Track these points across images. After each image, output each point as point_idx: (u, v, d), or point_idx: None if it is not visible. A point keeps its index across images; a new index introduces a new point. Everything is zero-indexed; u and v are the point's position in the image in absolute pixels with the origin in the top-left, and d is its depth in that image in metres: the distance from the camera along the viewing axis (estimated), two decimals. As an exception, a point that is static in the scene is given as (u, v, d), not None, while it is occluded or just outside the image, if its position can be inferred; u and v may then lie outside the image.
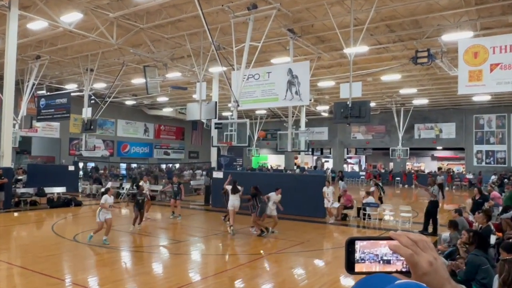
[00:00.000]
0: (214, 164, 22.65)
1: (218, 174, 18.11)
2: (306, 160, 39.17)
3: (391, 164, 41.39)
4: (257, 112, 37.28)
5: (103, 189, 21.53)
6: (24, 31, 17.01)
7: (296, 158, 41.97)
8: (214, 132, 17.36)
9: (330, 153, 43.53)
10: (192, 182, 25.54)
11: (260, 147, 41.56)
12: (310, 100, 24.99)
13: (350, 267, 0.98)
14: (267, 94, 17.06)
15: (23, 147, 29.16)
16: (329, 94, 30.12)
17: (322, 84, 25.81)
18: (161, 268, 8.29)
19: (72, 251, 9.42)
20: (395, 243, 0.94)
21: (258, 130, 39.04)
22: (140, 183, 14.54)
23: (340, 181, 19.33)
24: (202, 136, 47.15)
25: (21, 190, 17.58)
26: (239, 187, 12.06)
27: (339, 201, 15.43)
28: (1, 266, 7.89)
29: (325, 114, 36.60)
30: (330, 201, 14.17)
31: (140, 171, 36.41)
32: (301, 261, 9.09)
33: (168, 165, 43.54)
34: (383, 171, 39.82)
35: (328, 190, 14.21)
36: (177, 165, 44.03)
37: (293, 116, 25.35)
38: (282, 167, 41.25)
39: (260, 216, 11.43)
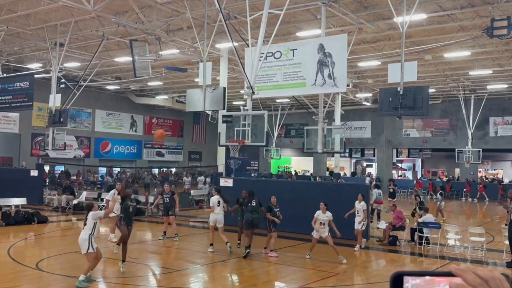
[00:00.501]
0: (221, 168, 22.66)
1: (226, 182, 18.11)
2: (342, 164, 38.98)
3: (457, 171, 40.75)
4: (278, 101, 37.24)
5: (75, 201, 22.00)
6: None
7: (331, 161, 41.73)
8: (221, 127, 17.34)
9: (374, 155, 43.22)
10: (192, 192, 25.67)
11: (281, 147, 41.57)
12: (348, 86, 24.91)
13: None
14: (291, 78, 16.98)
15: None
16: (373, 78, 29.85)
17: (364, 64, 25.58)
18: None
19: (34, 282, 9.49)
20: (458, 282, 0.93)
21: (279, 125, 39.04)
22: (111, 193, 14.22)
23: (375, 189, 19.12)
24: (206, 132, 47.40)
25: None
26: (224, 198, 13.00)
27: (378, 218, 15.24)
28: None
29: (368, 104, 36.33)
30: (361, 222, 13.76)
31: (125, 177, 36.84)
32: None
33: (162, 169, 43.96)
34: (445, 179, 39.28)
35: (358, 206, 13.85)
36: (173, 170, 44.46)
37: (324, 107, 25.17)
38: (309, 173, 41.12)
39: (247, 228, 12.20)
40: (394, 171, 43.17)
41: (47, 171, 31.81)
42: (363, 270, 11.69)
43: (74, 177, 34.33)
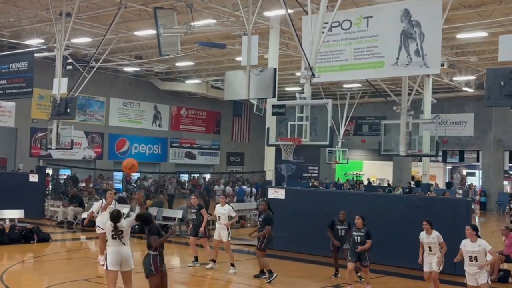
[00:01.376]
0: (269, 175, 22.69)
1: (276, 194, 18.11)
2: (433, 172, 38.11)
3: None
4: (346, 86, 36.91)
5: (84, 214, 22.58)
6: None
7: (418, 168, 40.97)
8: (271, 121, 17.34)
9: (478, 160, 42.06)
10: (233, 206, 25.82)
11: (350, 148, 41.22)
12: (442, 66, 24.34)
13: None
14: (365, 56, 16.81)
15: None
16: (478, 55, 29.05)
17: (465, 36, 24.93)
18: None
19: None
20: None
21: (347, 119, 38.68)
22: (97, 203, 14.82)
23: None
24: (250, 127, 47.62)
25: None
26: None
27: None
28: None
29: (469, 90, 35.45)
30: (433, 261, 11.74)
31: (145, 186, 37.55)
32: None
33: (193, 175, 44.50)
34: None
35: (428, 240, 11.83)
36: (207, 176, 44.94)
37: (409, 94, 24.82)
38: (387, 183, 40.54)
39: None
40: (506, 182, 41.81)
41: (49, 175, 32.74)
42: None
43: (83, 184, 35.23)
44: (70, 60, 24.85)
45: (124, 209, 21.77)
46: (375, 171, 46.05)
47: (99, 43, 24.24)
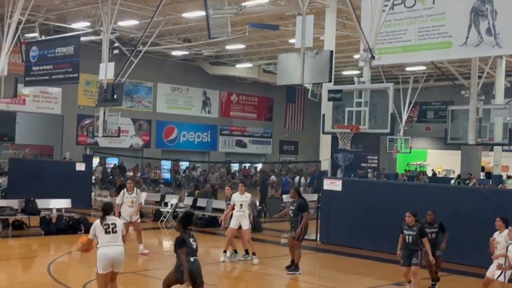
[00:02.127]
0: (325, 165, 22.59)
1: (332, 185, 18.03)
2: (506, 163, 37.16)
3: None
4: (409, 69, 36.33)
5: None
6: None
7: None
8: (326, 108, 17.25)
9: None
10: (285, 198, 25.86)
11: (413, 136, 40.59)
12: (517, 45, 23.70)
13: None
14: (430, 36, 16.61)
15: (1, 130, 32.13)
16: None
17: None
18: None
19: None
20: None
21: (411, 105, 38.05)
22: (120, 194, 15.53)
23: None
24: (305, 114, 47.51)
25: (-2, 203, 19.29)
26: None
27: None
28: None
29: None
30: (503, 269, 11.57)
31: (193, 176, 37.94)
32: None
33: (244, 165, 44.73)
34: None
35: (499, 238, 11.84)
36: (259, 166, 45.11)
37: (480, 77, 24.27)
38: (454, 174, 39.82)
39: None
40: None
41: (95, 165, 33.38)
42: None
43: (131, 173, 35.85)
44: (116, 44, 25.22)
45: (173, 199, 22.23)
46: (440, 162, 45.28)
47: (146, 26, 24.48)
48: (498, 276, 10.22)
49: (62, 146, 36.33)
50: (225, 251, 14.72)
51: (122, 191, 15.84)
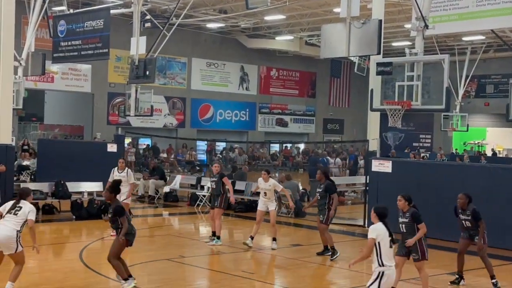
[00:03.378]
0: (374, 145, 22.49)
1: (381, 166, 17.96)
2: None
3: None
4: (466, 39, 35.79)
5: (167, 188, 23.33)
6: None
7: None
8: (375, 82, 17.14)
9: None
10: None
11: (470, 113, 40.10)
12: None
13: None
14: (490, 2, 16.39)
15: (30, 109, 32.60)
16: None
17: None
18: None
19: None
20: None
21: (468, 78, 37.53)
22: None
23: None
24: (351, 90, 47.30)
25: (27, 185, 19.50)
26: None
27: None
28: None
29: None
30: None
31: (230, 157, 38.10)
32: None
33: (285, 145, 44.76)
34: None
35: None
36: (301, 146, 45.12)
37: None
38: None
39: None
40: None
41: (127, 145, 33.75)
42: None
43: (165, 155, 36.16)
44: (148, 17, 25.38)
45: (209, 183, 22.33)
46: (501, 140, 44.60)
47: (179, -3, 24.65)
48: None
49: (93, 126, 36.92)
50: (251, 237, 14.97)
51: (113, 169, 16.47)
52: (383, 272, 7.56)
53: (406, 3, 23.24)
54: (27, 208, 9.70)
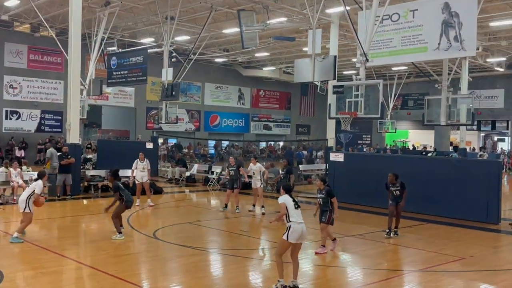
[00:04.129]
0: (331, 142, 22.51)
1: (336, 157, 17.98)
2: (469, 138, 36.64)
3: None
4: (395, 69, 35.88)
5: (188, 173, 23.27)
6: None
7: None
8: (331, 99, 17.11)
9: (507, 128, 40.04)
10: (301, 167, 25.87)
11: (398, 119, 40.21)
12: (477, 49, 23.17)
13: None
14: (411, 43, 16.32)
15: (92, 119, 32.57)
16: (508, 40, 27.45)
17: (497, 24, 23.57)
18: (259, 276, 8.57)
19: (152, 251, 10.28)
20: None
21: (396, 96, 37.64)
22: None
23: None
24: (315, 104, 47.19)
25: (91, 172, 19.60)
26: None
27: None
28: (69, 265, 8.99)
29: (501, 70, 33.75)
30: None
31: (232, 152, 38.13)
32: (459, 285, 8.65)
33: (269, 143, 44.79)
34: None
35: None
36: (281, 143, 45.10)
37: (449, 74, 23.87)
38: (431, 148, 39.28)
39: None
40: (531, 147, 39.67)
41: (160, 143, 33.65)
42: (494, 255, 10.99)
43: (186, 150, 36.19)
44: (174, 54, 25.35)
45: (217, 169, 22.35)
46: (419, 139, 44.68)
47: (195, 40, 24.60)
48: None
49: (136, 130, 36.72)
50: (253, 205, 15.32)
51: (136, 160, 16.41)
52: (290, 226, 7.54)
53: (353, 44, 23.20)
54: (36, 184, 10.51)
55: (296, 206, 7.72)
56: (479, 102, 36.86)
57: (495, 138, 43.63)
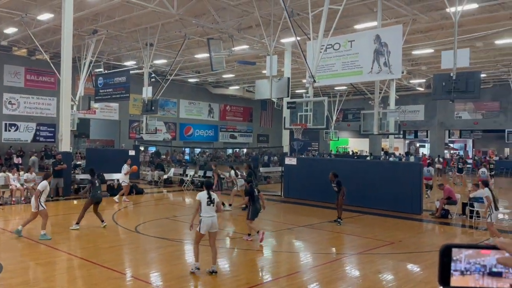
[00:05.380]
0: (286, 149, 22.68)
1: (290, 161, 18.12)
2: (397, 145, 37.66)
3: (507, 151, 38.17)
4: (337, 88, 36.52)
5: (165, 176, 22.94)
6: (80, 4, 18.23)
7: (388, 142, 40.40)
8: (286, 113, 17.31)
9: (427, 136, 41.33)
10: (261, 169, 25.92)
11: (340, 130, 40.86)
12: (402, 73, 23.79)
13: (444, 280, 0.94)
14: (349, 67, 16.61)
15: (81, 130, 31.72)
16: (427, 65, 28.44)
17: (418, 52, 24.42)
18: (227, 265, 8.52)
19: (134, 243, 10.06)
20: (506, 257, 0.88)
21: (338, 110, 38.32)
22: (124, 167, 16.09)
23: (426, 167, 18.60)
24: (273, 117, 47.46)
25: (80, 176, 19.05)
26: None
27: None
28: (61, 257, 8.69)
29: (421, 89, 34.78)
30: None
31: (205, 158, 37.86)
32: (390, 264, 8.79)
33: (235, 150, 44.70)
34: (496, 158, 36.87)
35: None
36: (245, 150, 45.07)
37: (380, 93, 24.42)
38: (367, 152, 40.12)
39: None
40: (446, 151, 41.06)
41: (141, 151, 33.05)
42: (418, 240, 11.30)
43: (164, 156, 35.65)
44: (153, 75, 25.10)
45: (190, 172, 22.10)
46: (357, 145, 45.57)
47: (171, 63, 24.41)
48: None
49: (120, 140, 35.97)
50: (230, 204, 14.93)
51: (124, 164, 16.37)
52: (201, 219, 7.52)
53: (303, 68, 23.51)
54: (40, 184, 10.21)
55: (209, 202, 7.54)
56: (404, 115, 37.81)
57: (417, 145, 45.04)
